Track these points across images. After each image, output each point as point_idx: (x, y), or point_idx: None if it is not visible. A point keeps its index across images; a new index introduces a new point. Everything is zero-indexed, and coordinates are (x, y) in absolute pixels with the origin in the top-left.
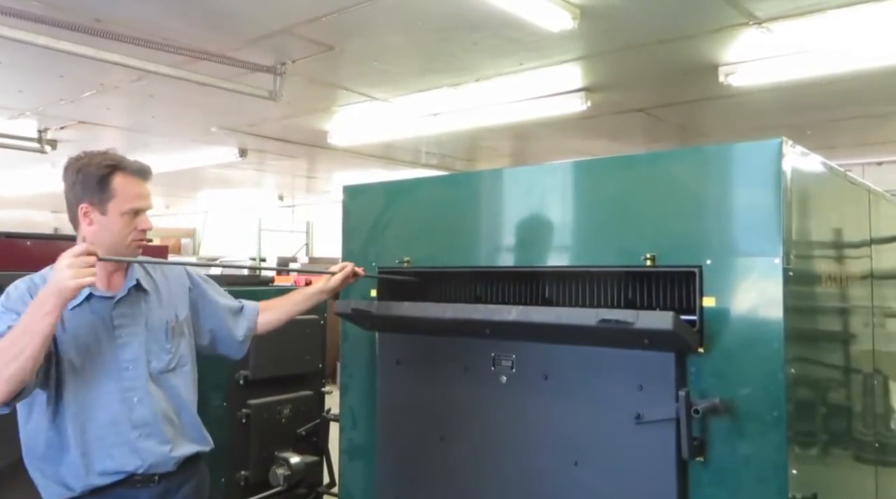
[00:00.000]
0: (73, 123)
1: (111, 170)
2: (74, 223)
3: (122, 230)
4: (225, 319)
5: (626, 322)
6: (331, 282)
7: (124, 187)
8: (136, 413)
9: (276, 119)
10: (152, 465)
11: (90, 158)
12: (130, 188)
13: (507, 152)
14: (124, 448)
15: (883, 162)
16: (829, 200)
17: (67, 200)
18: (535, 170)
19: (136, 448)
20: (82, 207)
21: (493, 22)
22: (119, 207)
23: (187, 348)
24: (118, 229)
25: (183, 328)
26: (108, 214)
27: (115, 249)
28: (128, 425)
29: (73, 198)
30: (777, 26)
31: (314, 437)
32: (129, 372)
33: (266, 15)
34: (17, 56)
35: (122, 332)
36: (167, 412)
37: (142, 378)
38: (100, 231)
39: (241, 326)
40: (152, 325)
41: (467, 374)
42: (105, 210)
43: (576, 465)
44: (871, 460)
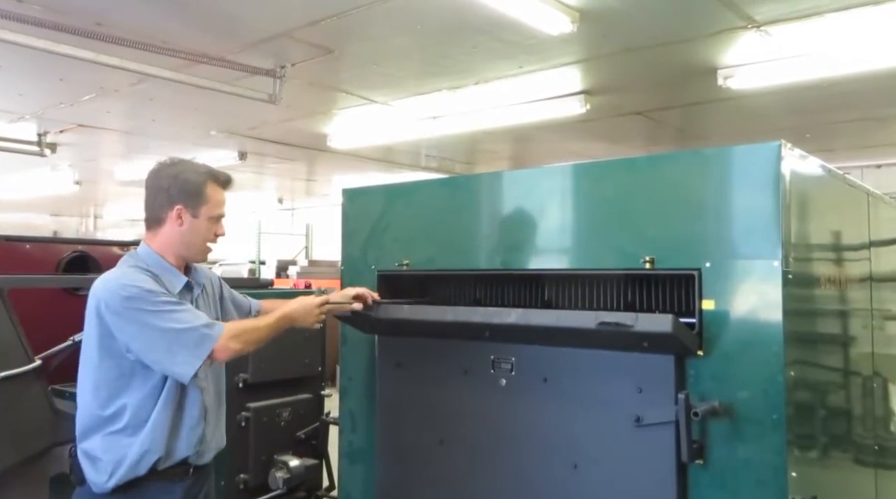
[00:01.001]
0: (73, 127)
1: (207, 177)
2: (155, 223)
3: (207, 233)
4: (241, 316)
5: (626, 325)
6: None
7: (214, 195)
8: (204, 399)
9: (276, 122)
10: (200, 453)
11: (185, 165)
12: (218, 196)
13: (507, 155)
14: (192, 437)
15: (882, 165)
16: (828, 203)
17: (156, 200)
18: (534, 173)
19: (201, 432)
20: (177, 209)
21: (493, 25)
22: (209, 211)
23: None
24: (204, 231)
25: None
26: (199, 218)
27: (195, 247)
28: (200, 411)
29: (165, 199)
30: (776, 30)
31: (314, 440)
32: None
33: (266, 18)
34: (17, 59)
35: None
36: (219, 400)
37: (206, 368)
38: (187, 231)
39: None
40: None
41: (467, 377)
42: (198, 214)
43: (575, 468)
44: (870, 462)
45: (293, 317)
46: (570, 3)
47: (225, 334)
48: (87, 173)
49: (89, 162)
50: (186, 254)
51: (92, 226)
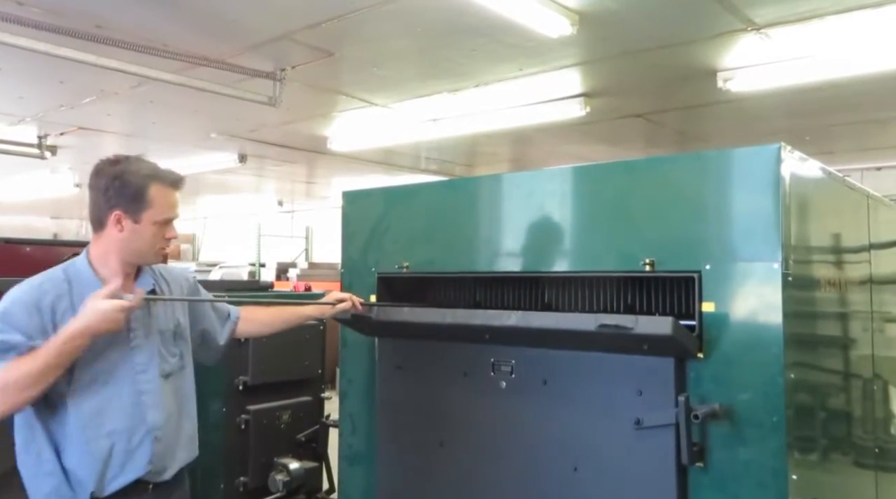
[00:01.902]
0: (73, 129)
1: (149, 180)
2: (98, 226)
3: (152, 239)
4: (215, 322)
5: (626, 327)
6: (326, 313)
7: (160, 198)
8: (150, 416)
9: (276, 125)
10: (157, 471)
11: (127, 165)
12: (165, 199)
13: (507, 158)
14: (136, 454)
15: (882, 167)
16: (827, 206)
17: (96, 204)
18: (534, 175)
19: (149, 452)
20: (115, 214)
21: (493, 28)
22: (153, 216)
23: (189, 352)
24: (149, 238)
25: (185, 333)
26: (141, 223)
27: (141, 253)
28: (143, 428)
29: (104, 203)
30: (775, 32)
31: (313, 443)
32: (144, 375)
33: (266, 21)
34: (18, 62)
35: (136, 334)
36: (177, 416)
37: (155, 381)
38: (129, 238)
39: (225, 331)
40: (162, 328)
41: (467, 379)
42: (139, 219)
43: (575, 470)
44: (870, 465)
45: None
46: (569, 5)
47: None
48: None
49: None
50: (133, 259)
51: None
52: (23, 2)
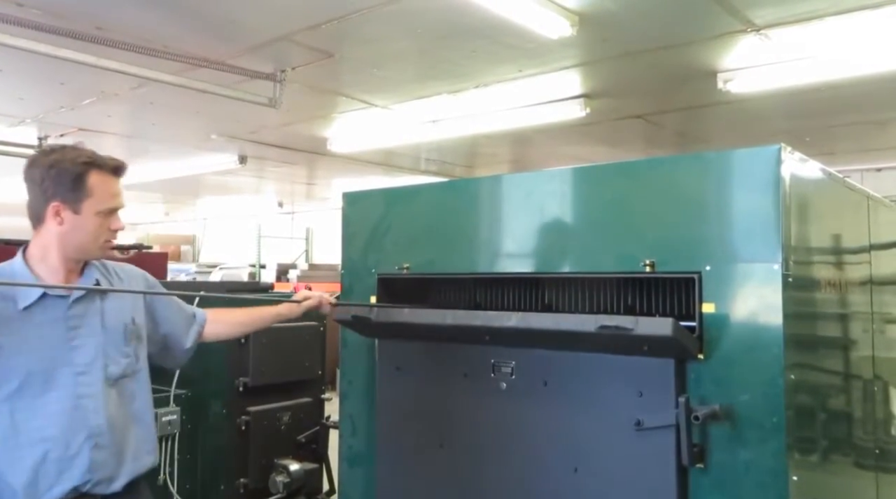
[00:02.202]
0: (74, 131)
1: (87, 167)
2: (36, 221)
3: (96, 231)
4: (180, 324)
5: (626, 328)
6: (294, 311)
7: (100, 186)
8: (91, 422)
9: (276, 126)
10: (101, 481)
11: (62, 154)
12: (106, 187)
13: (507, 159)
14: (75, 461)
15: (882, 168)
16: (828, 207)
17: (32, 197)
18: (534, 176)
19: (88, 461)
20: (53, 206)
21: (493, 29)
22: (95, 206)
23: (144, 354)
24: (92, 230)
25: (140, 332)
26: (81, 214)
27: (87, 248)
28: (82, 434)
29: (40, 195)
30: (775, 33)
31: (314, 444)
32: (84, 377)
33: (266, 22)
34: (18, 63)
35: (77, 333)
36: (124, 421)
37: (98, 384)
38: (71, 231)
39: (191, 334)
40: (110, 326)
41: (467, 380)
42: (79, 209)
43: (576, 471)
44: (871, 466)
45: None
46: (569, 6)
47: None
48: None
49: None
50: (76, 254)
51: None
52: (23, 3)
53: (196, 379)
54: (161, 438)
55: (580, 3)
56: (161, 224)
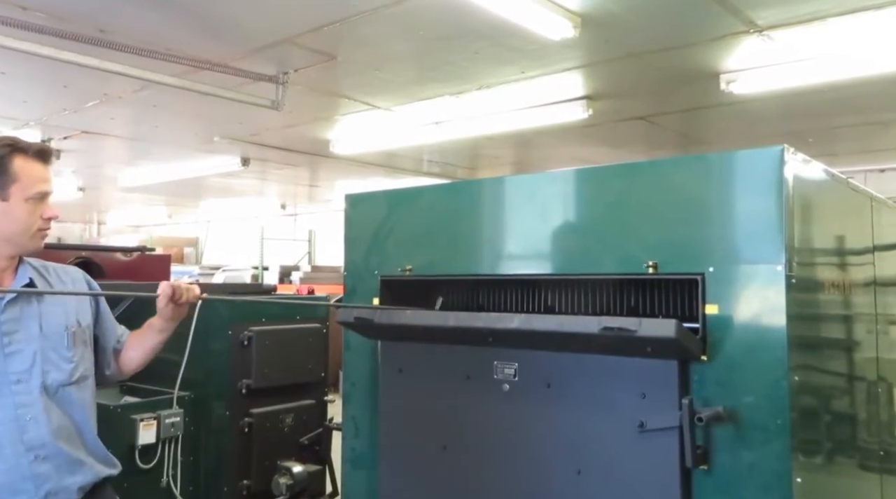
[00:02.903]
0: (77, 133)
1: (9, 151)
2: None
3: (28, 218)
4: (111, 341)
5: (629, 330)
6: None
7: (26, 170)
8: (29, 433)
9: (279, 128)
10: (49, 493)
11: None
12: (33, 171)
13: (509, 160)
14: (14, 475)
15: (885, 169)
16: (831, 208)
17: None
18: (536, 178)
19: (28, 474)
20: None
21: (495, 31)
22: (23, 191)
23: (90, 359)
24: (23, 217)
25: (86, 336)
26: (9, 200)
27: (18, 239)
28: (19, 447)
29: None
30: (778, 34)
31: (317, 446)
32: (21, 385)
33: (268, 25)
34: (22, 66)
35: (11, 338)
36: (68, 432)
37: (35, 392)
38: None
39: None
40: (49, 330)
41: (470, 382)
42: (6, 196)
43: (579, 474)
44: (875, 468)
45: None
46: (571, 8)
47: None
48: (91, 179)
49: (93, 168)
50: (8, 247)
51: (95, 232)
52: (27, 6)
53: (199, 381)
54: (164, 440)
55: (582, 4)
56: (164, 226)
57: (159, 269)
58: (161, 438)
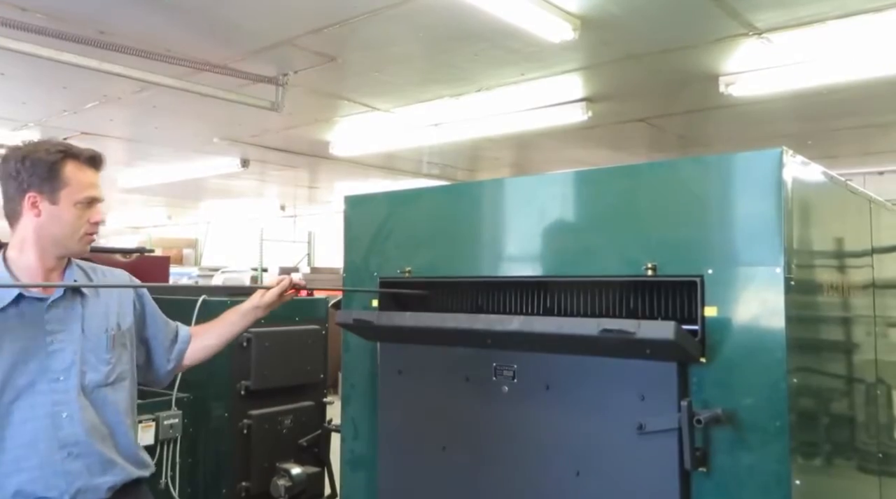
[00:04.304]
0: (76, 134)
1: (62, 156)
2: (14, 217)
3: (75, 222)
4: (163, 341)
5: (628, 332)
6: (265, 297)
7: (76, 175)
8: (64, 431)
9: (278, 130)
10: (80, 491)
11: (36, 145)
12: (83, 177)
13: (509, 162)
14: (47, 471)
15: (884, 171)
16: (830, 210)
17: (6, 193)
18: (536, 179)
19: (60, 471)
20: (30, 197)
21: (495, 33)
22: (72, 196)
23: (129, 362)
24: (71, 221)
25: (125, 339)
26: (59, 204)
27: (66, 242)
28: (54, 443)
29: (16, 188)
30: (777, 37)
31: (316, 447)
32: (60, 383)
33: (268, 26)
34: (21, 68)
35: (54, 338)
36: (101, 432)
37: (73, 391)
38: (49, 223)
39: (174, 353)
40: (90, 332)
41: (469, 384)
42: (56, 199)
43: (578, 475)
44: (874, 470)
45: None
46: (571, 10)
47: None
48: None
49: None
50: (55, 249)
51: None
52: (26, 7)
53: (198, 383)
54: (162, 441)
55: (582, 6)
56: (163, 228)
57: (158, 270)
58: (160, 439)
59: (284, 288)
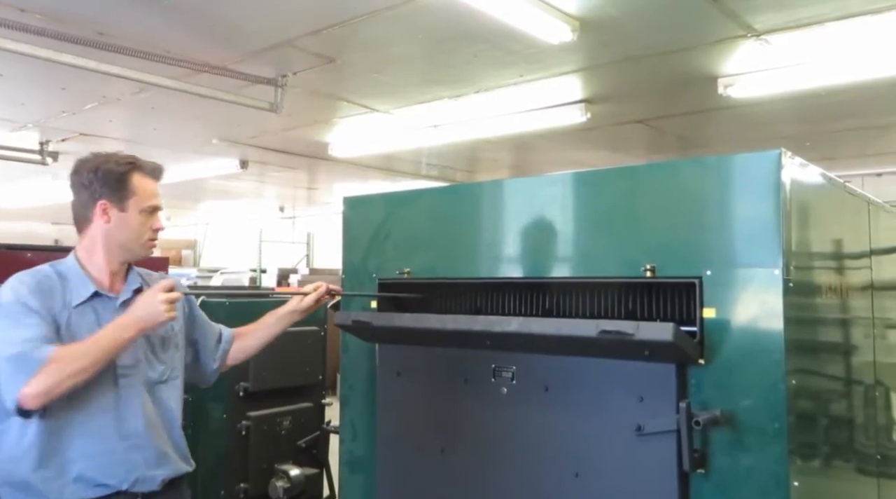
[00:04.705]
0: (75, 135)
1: (130, 168)
2: (84, 222)
3: (140, 228)
4: (209, 342)
5: (627, 333)
6: (303, 302)
7: (142, 186)
8: (127, 424)
9: (277, 131)
10: (137, 481)
11: (106, 157)
12: (148, 187)
13: (508, 164)
14: (109, 459)
15: (882, 173)
16: (828, 211)
17: (80, 199)
18: (535, 181)
19: (121, 460)
20: (101, 204)
21: (494, 34)
22: (138, 204)
23: (180, 362)
24: (136, 227)
25: (178, 340)
26: (127, 211)
27: (131, 246)
28: (116, 434)
29: (88, 196)
30: (776, 38)
31: (314, 449)
32: (126, 379)
33: (267, 27)
34: (20, 68)
35: None
36: (158, 426)
37: (138, 386)
38: (116, 228)
39: (219, 353)
40: (150, 333)
41: (468, 385)
42: (124, 207)
43: (576, 477)
44: (872, 472)
45: (134, 319)
46: (570, 12)
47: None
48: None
49: None
50: (121, 253)
51: None
52: (25, 8)
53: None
54: None
55: (581, 8)
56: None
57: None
58: None
59: (321, 295)
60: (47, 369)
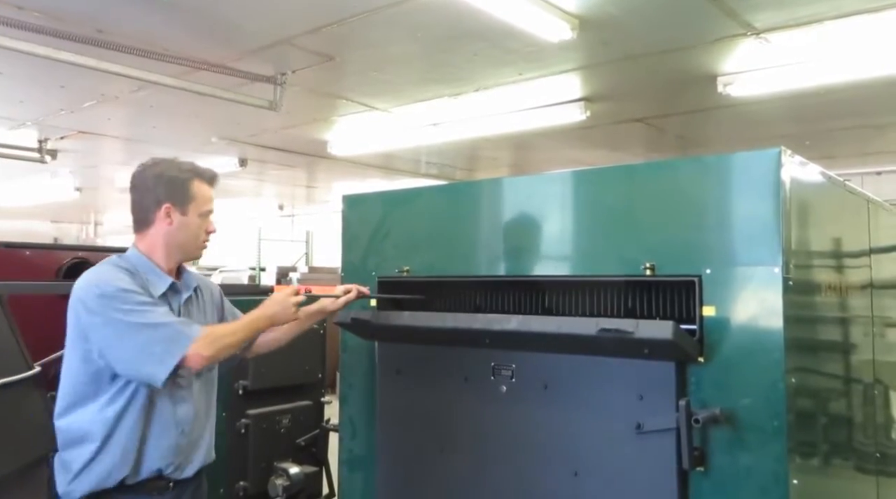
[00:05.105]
0: (74, 133)
1: (191, 175)
2: (145, 224)
3: (198, 230)
4: None
5: (626, 331)
6: (337, 302)
7: (201, 191)
8: (181, 410)
9: (276, 129)
10: (179, 466)
11: (170, 163)
12: (205, 193)
13: (507, 162)
14: (168, 441)
15: (882, 172)
16: (828, 210)
17: (143, 202)
18: (534, 179)
19: (174, 445)
20: (165, 207)
21: (493, 33)
22: (198, 208)
23: None
24: (195, 228)
25: None
26: (188, 215)
27: (188, 247)
28: (172, 421)
29: (151, 199)
30: (775, 37)
31: (313, 447)
32: (183, 369)
33: (266, 26)
34: (18, 66)
35: None
36: (202, 415)
37: (189, 377)
38: (177, 230)
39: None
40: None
41: (467, 384)
42: (186, 211)
43: (576, 475)
44: (872, 470)
45: (270, 314)
46: (569, 10)
47: (199, 339)
48: (88, 180)
49: (90, 169)
50: (179, 253)
51: (92, 232)
52: (23, 6)
53: None
54: None
55: (580, 6)
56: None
57: None
58: None
59: (352, 298)
60: (206, 339)
